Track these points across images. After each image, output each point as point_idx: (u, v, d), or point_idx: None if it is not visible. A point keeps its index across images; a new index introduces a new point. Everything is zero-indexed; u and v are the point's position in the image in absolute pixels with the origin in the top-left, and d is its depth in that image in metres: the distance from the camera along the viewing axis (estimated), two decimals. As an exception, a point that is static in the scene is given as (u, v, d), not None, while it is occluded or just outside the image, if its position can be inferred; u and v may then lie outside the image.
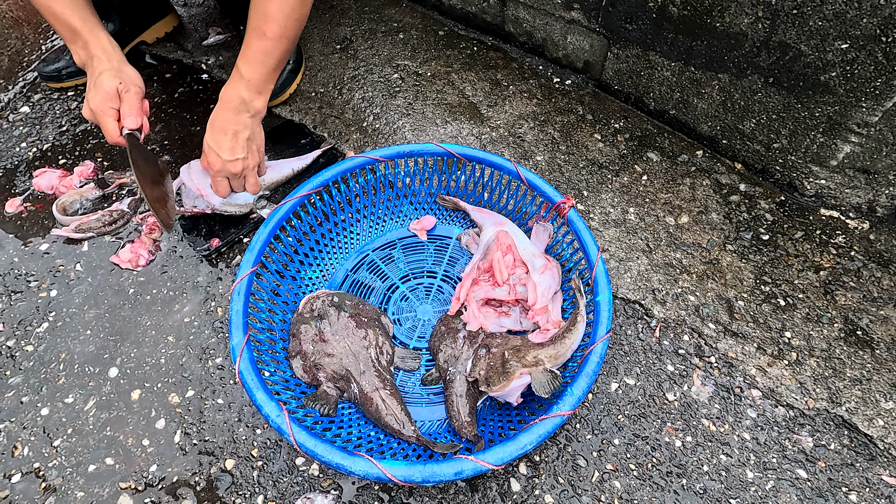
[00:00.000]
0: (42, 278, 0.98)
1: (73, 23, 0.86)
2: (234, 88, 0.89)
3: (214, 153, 0.88)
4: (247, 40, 0.88)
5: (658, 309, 0.91)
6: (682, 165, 1.09)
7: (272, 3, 0.84)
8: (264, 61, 0.88)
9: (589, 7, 1.09)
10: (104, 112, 0.85)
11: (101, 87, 0.85)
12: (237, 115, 0.89)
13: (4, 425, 0.82)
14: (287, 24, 0.86)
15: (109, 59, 0.88)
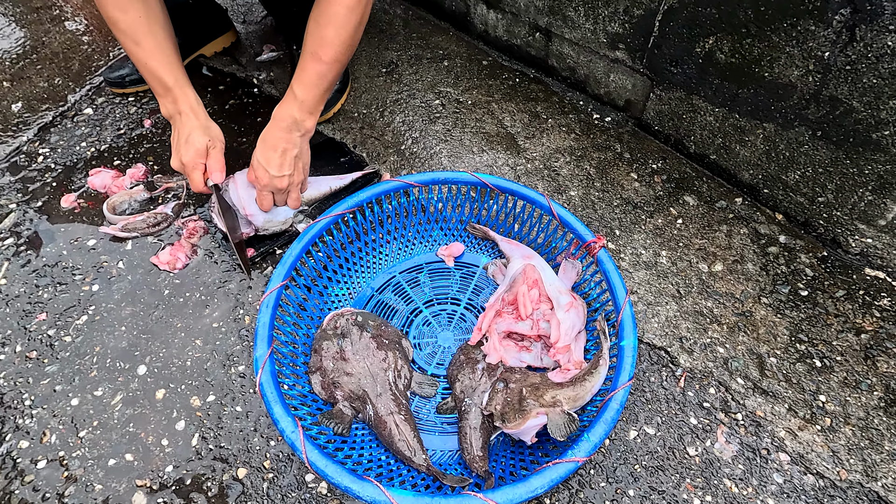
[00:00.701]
0: (86, 273, 1.03)
1: (166, 80, 0.93)
2: (288, 108, 0.93)
3: (263, 168, 0.92)
4: (302, 63, 0.92)
5: (684, 358, 0.88)
6: (719, 211, 1.06)
7: (329, 28, 0.88)
8: (318, 84, 0.92)
9: (634, 48, 1.09)
10: (195, 167, 0.92)
11: (193, 144, 0.92)
12: (288, 134, 0.93)
13: (37, 412, 0.85)
14: (341, 50, 0.90)
15: (197, 116, 0.95)
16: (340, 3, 0.86)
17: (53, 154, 1.24)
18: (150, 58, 0.92)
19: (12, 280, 1.02)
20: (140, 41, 0.91)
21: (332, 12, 0.87)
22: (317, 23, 0.89)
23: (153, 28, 0.92)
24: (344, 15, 0.87)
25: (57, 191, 1.16)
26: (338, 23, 0.87)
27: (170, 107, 0.96)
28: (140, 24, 0.90)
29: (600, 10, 1.09)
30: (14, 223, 1.11)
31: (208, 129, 0.95)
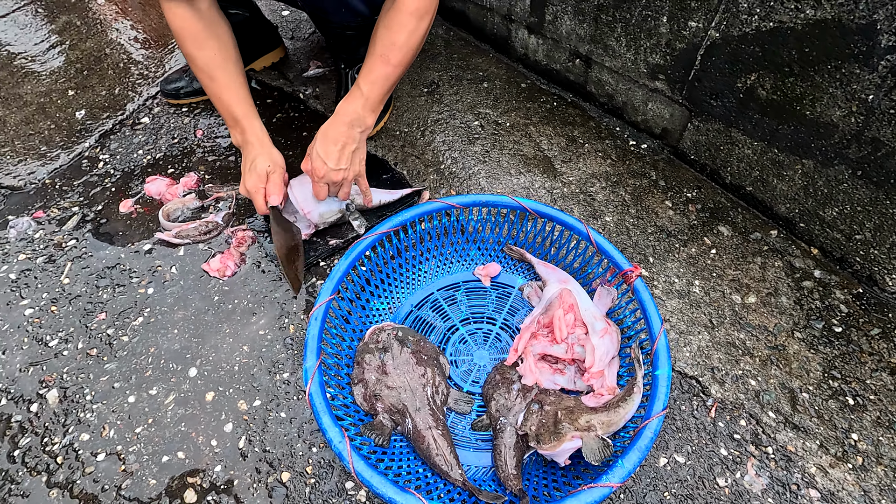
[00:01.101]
0: (142, 276, 1.09)
1: (236, 113, 1.01)
2: (353, 104, 0.99)
3: (321, 161, 0.97)
4: (369, 64, 0.99)
5: (716, 388, 0.90)
6: (754, 243, 1.08)
7: (399, 34, 0.95)
8: (383, 84, 0.99)
9: (674, 79, 1.12)
10: (257, 191, 0.98)
11: (255, 170, 0.98)
12: (350, 129, 0.99)
13: (97, 406, 0.91)
14: (408, 55, 0.98)
15: (262, 145, 1.02)
16: (410, 12, 0.93)
17: (113, 160, 1.31)
18: (222, 92, 1.00)
19: (74, 280, 1.09)
20: (214, 76, 0.99)
21: (403, 20, 0.94)
22: (388, 28, 0.96)
23: (226, 64, 1.00)
24: (413, 23, 0.94)
25: (115, 196, 1.24)
26: (407, 29, 0.95)
27: (239, 137, 1.03)
28: (215, 60, 0.98)
29: (642, 41, 1.12)
30: (76, 225, 1.18)
31: (270, 156, 1.01)
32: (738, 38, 0.95)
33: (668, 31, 1.06)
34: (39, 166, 1.30)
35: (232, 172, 1.27)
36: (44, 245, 1.15)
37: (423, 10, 0.95)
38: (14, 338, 1.00)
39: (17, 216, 1.20)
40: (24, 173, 1.28)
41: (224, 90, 1.00)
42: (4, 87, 1.49)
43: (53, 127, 1.38)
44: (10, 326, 1.02)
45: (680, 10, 1.02)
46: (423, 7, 0.95)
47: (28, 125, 1.39)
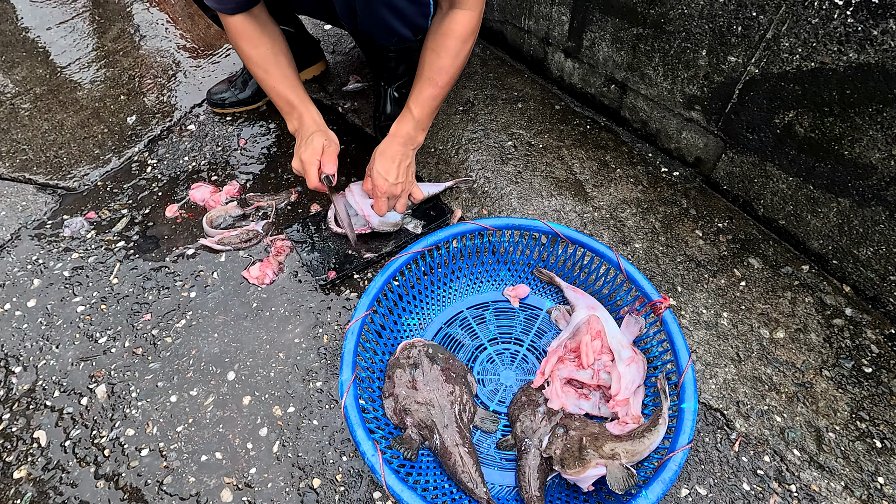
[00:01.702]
0: (185, 280, 1.14)
1: (292, 100, 1.07)
2: (405, 125, 1.07)
3: (383, 178, 1.04)
4: (419, 87, 1.06)
5: (740, 422, 0.91)
6: (784, 277, 1.08)
7: (446, 58, 1.02)
8: (432, 105, 1.07)
9: (710, 111, 1.13)
10: (311, 163, 1.02)
11: (311, 144, 1.03)
12: (404, 147, 1.07)
13: (141, 403, 0.97)
14: (453, 76, 1.05)
15: (318, 125, 1.08)
16: (455, 37, 1.00)
17: (160, 165, 1.38)
18: (277, 83, 1.07)
19: (122, 280, 1.15)
20: (269, 70, 1.07)
21: (449, 44, 1.01)
22: (435, 53, 1.02)
23: (279, 59, 1.08)
24: (458, 47, 1.01)
25: (162, 200, 1.30)
26: (453, 53, 1.02)
27: (295, 122, 1.10)
28: (268, 56, 1.06)
29: (680, 72, 1.13)
30: (125, 227, 1.25)
31: (327, 134, 1.08)
32: (777, 75, 0.96)
33: (707, 63, 1.07)
34: (92, 168, 1.37)
35: (272, 182, 1.32)
36: (95, 245, 1.21)
37: (468, 34, 1.02)
38: (67, 333, 1.07)
39: (72, 216, 1.27)
40: (79, 175, 1.36)
41: (279, 81, 1.07)
42: (63, 92, 1.57)
43: (106, 131, 1.46)
44: (63, 322, 1.08)
45: (720, 45, 1.03)
46: (467, 32, 1.01)
47: (83, 128, 1.47)
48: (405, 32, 1.08)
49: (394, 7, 1.00)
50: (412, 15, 1.03)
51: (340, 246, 1.15)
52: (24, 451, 0.92)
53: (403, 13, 1.02)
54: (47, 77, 1.62)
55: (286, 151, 1.39)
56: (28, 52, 1.72)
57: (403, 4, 1.00)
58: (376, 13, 1.02)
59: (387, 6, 1.00)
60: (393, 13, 1.01)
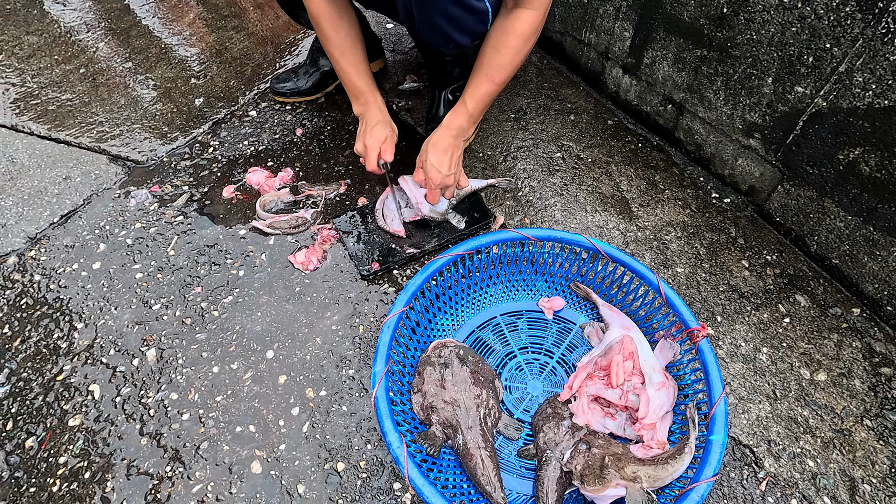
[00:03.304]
0: (235, 258, 1.20)
1: (361, 86, 1.16)
2: (458, 118, 1.12)
3: (436, 170, 1.09)
4: (476, 81, 1.09)
5: (770, 462, 0.89)
6: (832, 318, 1.04)
7: (505, 56, 1.04)
8: (486, 101, 1.11)
9: (770, 140, 1.10)
10: (373, 148, 1.12)
11: (375, 133, 1.13)
12: (456, 140, 1.12)
13: (186, 370, 1.03)
14: (511, 74, 1.08)
15: (382, 114, 1.17)
16: (518, 35, 1.02)
17: (221, 147, 1.45)
18: (350, 68, 1.15)
19: (178, 252, 1.22)
20: (345, 54, 1.14)
21: (511, 42, 1.03)
22: (496, 49, 1.05)
23: (355, 45, 1.15)
24: (519, 46, 1.03)
25: (220, 181, 1.37)
26: (513, 52, 1.04)
27: (361, 107, 1.18)
28: (347, 41, 1.13)
29: (742, 98, 1.11)
30: (184, 203, 1.32)
31: (390, 124, 1.16)
32: (846, 110, 0.93)
33: (772, 92, 1.05)
34: (160, 145, 1.46)
35: (324, 173, 1.37)
36: (156, 217, 1.29)
37: (530, 33, 1.03)
38: (125, 297, 1.14)
39: (138, 188, 1.35)
40: (147, 149, 1.45)
41: (352, 66, 1.14)
42: (140, 71, 1.67)
43: (175, 110, 1.55)
44: (123, 286, 1.16)
45: (787, 74, 1.00)
46: (529, 31, 1.02)
47: (155, 106, 1.56)
48: (462, 39, 1.10)
49: (450, 16, 1.02)
50: (469, 23, 1.05)
51: (385, 239, 1.19)
52: (80, 401, 0.99)
53: (460, 22, 1.04)
54: (127, 55, 1.73)
55: (339, 144, 1.44)
56: (113, 31, 1.84)
57: (460, 14, 1.02)
58: (432, 21, 1.04)
59: (443, 15, 1.02)
60: (449, 22, 1.03)
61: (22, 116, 1.54)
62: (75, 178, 1.38)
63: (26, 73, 1.68)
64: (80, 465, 0.92)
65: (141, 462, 0.92)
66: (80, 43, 1.79)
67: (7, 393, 1.01)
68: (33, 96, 1.60)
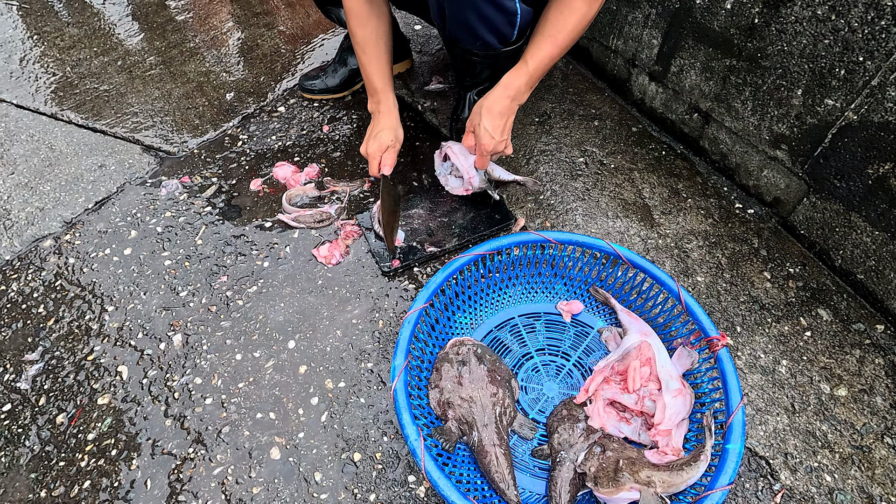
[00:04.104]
0: (261, 250, 1.23)
1: (377, 84, 1.18)
2: (518, 78, 1.06)
3: (490, 136, 1.07)
4: (538, 42, 1.05)
5: (786, 475, 0.88)
6: (854, 334, 1.03)
7: (571, 18, 1.01)
8: (548, 63, 1.06)
9: (798, 152, 1.09)
10: (374, 157, 1.16)
11: (378, 139, 1.16)
12: (512, 103, 1.08)
13: (210, 356, 1.06)
14: (574, 37, 1.04)
15: (390, 117, 1.19)
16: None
17: (250, 141, 1.48)
18: (370, 63, 1.17)
19: (206, 242, 1.25)
20: (366, 51, 1.16)
21: (575, 4, 0.99)
22: (560, 11, 1.01)
23: (379, 42, 1.17)
24: (585, 9, 1.00)
25: (248, 174, 1.40)
26: (579, 14, 1.00)
27: (373, 105, 1.20)
28: (371, 37, 1.15)
29: (770, 108, 1.11)
30: (213, 194, 1.36)
31: (395, 131, 1.17)
32: (878, 124, 0.92)
33: (801, 104, 1.04)
34: (191, 137, 1.50)
35: (349, 169, 1.40)
36: (186, 207, 1.33)
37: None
38: (153, 283, 1.18)
39: (169, 178, 1.39)
40: (179, 141, 1.49)
41: (371, 63, 1.16)
42: (174, 64, 1.72)
43: (207, 104, 1.59)
44: (152, 272, 1.20)
45: (818, 86, 1.00)
46: None
47: (188, 99, 1.60)
48: (490, 39, 1.11)
49: (481, 13, 1.03)
50: (499, 23, 1.06)
51: (406, 237, 1.20)
52: (109, 381, 1.03)
53: (490, 20, 1.05)
54: (163, 49, 1.78)
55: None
56: (149, 25, 1.89)
57: (491, 12, 1.03)
58: (463, 17, 1.06)
59: (474, 11, 1.03)
60: (480, 19, 1.05)
61: (62, 105, 1.59)
62: (110, 166, 1.42)
63: (67, 63, 1.74)
64: (108, 442, 0.95)
65: (165, 443, 0.95)
66: (117, 36, 1.85)
67: (41, 370, 1.05)
68: (73, 86, 1.66)
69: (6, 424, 0.98)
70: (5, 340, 1.10)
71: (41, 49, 1.80)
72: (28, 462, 0.94)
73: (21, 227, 1.29)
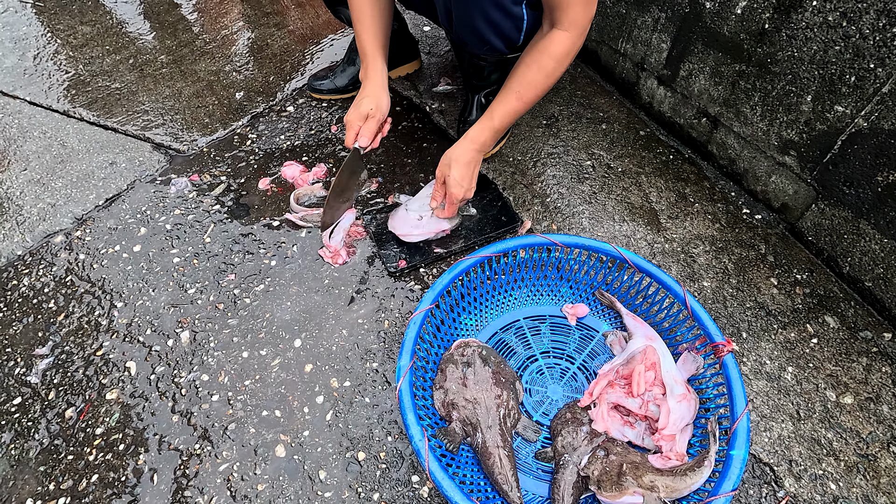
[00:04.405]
0: (268, 248, 1.24)
1: (367, 49, 1.16)
2: (482, 131, 1.11)
3: (459, 185, 1.10)
4: (504, 97, 1.09)
5: (790, 482, 0.88)
6: (861, 342, 1.03)
7: (538, 74, 1.04)
8: (512, 117, 1.10)
9: (806, 158, 1.09)
10: (351, 126, 1.13)
11: (359, 108, 1.13)
12: (478, 154, 1.12)
13: (217, 354, 1.07)
14: (540, 94, 1.07)
15: (374, 85, 1.14)
16: (550, 55, 1.02)
17: (259, 141, 1.49)
18: (363, 31, 1.16)
19: (214, 240, 1.27)
20: (360, 19, 1.15)
21: (544, 62, 1.02)
22: (527, 67, 1.05)
23: (373, 11, 1.15)
24: (551, 66, 1.03)
25: (256, 173, 1.41)
26: (545, 71, 1.03)
27: (362, 72, 1.19)
28: (366, 7, 1.14)
29: (779, 114, 1.10)
30: (221, 192, 1.37)
31: (378, 99, 1.14)
32: (888, 131, 0.92)
33: (811, 110, 1.04)
34: (200, 135, 1.51)
35: (356, 170, 1.40)
36: (194, 205, 1.34)
37: (562, 55, 1.02)
38: (162, 280, 1.19)
39: (178, 176, 1.41)
40: (188, 139, 1.50)
41: (363, 30, 1.15)
42: (185, 63, 1.74)
43: (217, 103, 1.60)
44: (161, 269, 1.21)
45: (828, 93, 0.99)
46: (562, 52, 1.02)
47: (198, 98, 1.62)
48: (497, 43, 1.12)
49: (489, 18, 1.04)
50: (505, 28, 1.07)
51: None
52: (118, 377, 1.04)
53: (498, 25, 1.06)
54: (173, 48, 1.80)
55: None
56: (160, 24, 1.91)
57: (499, 17, 1.04)
58: (471, 22, 1.06)
59: (482, 16, 1.04)
60: (487, 23, 1.05)
61: (74, 102, 1.61)
62: (120, 163, 1.44)
63: (79, 61, 1.76)
64: (116, 437, 0.97)
65: (172, 438, 0.96)
66: (129, 34, 1.87)
67: (51, 364, 1.06)
68: (85, 84, 1.67)
69: (17, 418, 1.00)
70: (16, 334, 1.11)
71: (54, 47, 1.82)
72: (37, 455, 0.95)
73: (33, 223, 1.31)
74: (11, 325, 1.13)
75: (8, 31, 1.90)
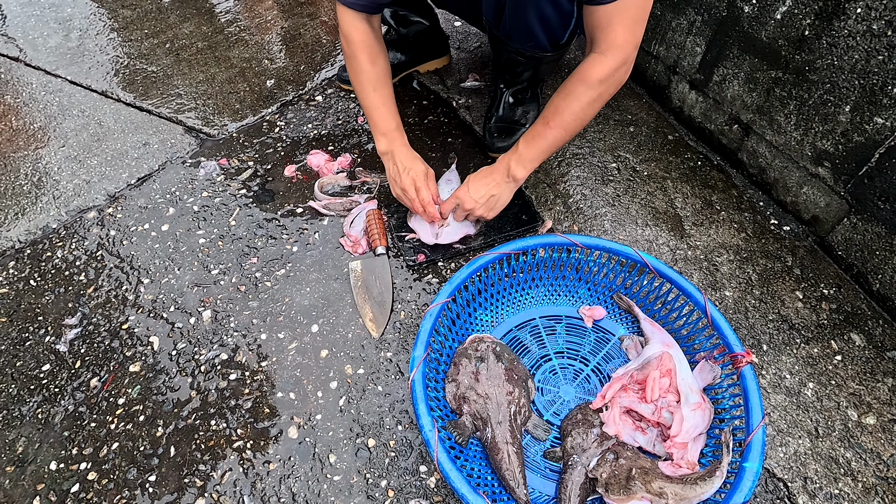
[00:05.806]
0: (291, 234, 1.26)
1: (392, 124, 1.15)
2: (506, 157, 1.11)
3: (473, 200, 1.11)
4: (534, 124, 1.07)
5: (804, 499, 0.86)
6: (888, 362, 1.00)
7: (567, 100, 1.00)
8: (540, 144, 1.07)
9: (841, 170, 1.06)
10: (411, 190, 1.13)
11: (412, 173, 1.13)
12: (499, 176, 1.11)
13: (236, 334, 1.09)
14: (572, 123, 1.03)
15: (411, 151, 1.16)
16: (583, 81, 0.98)
17: (287, 128, 1.52)
18: (381, 103, 1.14)
19: (239, 223, 1.29)
20: (378, 89, 1.13)
21: (575, 87, 0.99)
22: (558, 93, 1.03)
23: (387, 81, 1.15)
24: (583, 92, 0.98)
25: (283, 160, 1.43)
26: (575, 96, 1.00)
27: (388, 145, 1.16)
28: (382, 76, 1.13)
29: (814, 124, 1.07)
30: (248, 177, 1.40)
31: (424, 163, 1.15)
32: (929, 146, 0.89)
33: (848, 120, 1.01)
34: (231, 121, 1.54)
35: (380, 161, 1.41)
36: (222, 188, 1.37)
37: (596, 80, 0.96)
38: (187, 259, 1.22)
39: (208, 159, 1.44)
40: (219, 124, 1.53)
41: (382, 103, 1.14)
42: (219, 49, 1.77)
43: (248, 90, 1.63)
44: (187, 249, 1.24)
45: (868, 104, 0.96)
46: (596, 78, 0.96)
47: (230, 84, 1.65)
48: (542, 39, 1.11)
49: (541, 13, 1.03)
50: (554, 24, 1.06)
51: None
52: (141, 350, 1.07)
53: (549, 21, 1.05)
54: (209, 34, 1.84)
55: (398, 135, 1.47)
56: (198, 10, 1.95)
57: (551, 12, 1.03)
58: (524, 16, 1.05)
59: (535, 10, 1.03)
60: (539, 19, 1.04)
61: (112, 83, 1.66)
62: (153, 144, 1.48)
63: (119, 43, 1.81)
64: (137, 408, 1.00)
65: (189, 413, 0.99)
66: (167, 19, 1.91)
67: (78, 335, 1.10)
68: (123, 66, 1.72)
69: (45, 384, 1.04)
70: (48, 304, 1.16)
71: (96, 29, 1.88)
72: (62, 420, 0.99)
73: (68, 198, 1.36)
74: (44, 295, 1.17)
75: (53, 12, 1.96)
